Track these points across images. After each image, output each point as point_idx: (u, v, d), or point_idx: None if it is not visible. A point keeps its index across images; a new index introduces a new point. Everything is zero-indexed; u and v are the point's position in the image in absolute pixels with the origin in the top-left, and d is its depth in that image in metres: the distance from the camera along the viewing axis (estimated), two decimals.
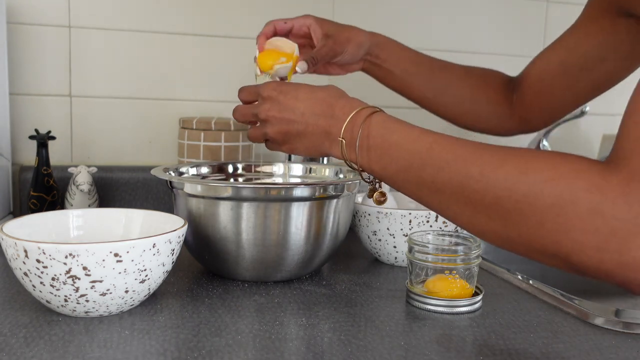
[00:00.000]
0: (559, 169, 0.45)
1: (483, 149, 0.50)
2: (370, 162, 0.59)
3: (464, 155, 0.51)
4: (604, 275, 0.44)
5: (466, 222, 0.52)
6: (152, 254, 0.58)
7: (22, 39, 1.06)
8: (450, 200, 0.52)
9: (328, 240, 0.73)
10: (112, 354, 0.52)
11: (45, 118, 1.08)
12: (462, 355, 0.54)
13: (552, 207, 0.44)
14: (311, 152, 0.66)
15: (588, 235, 0.43)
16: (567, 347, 0.56)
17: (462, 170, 0.50)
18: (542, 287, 0.72)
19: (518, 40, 1.32)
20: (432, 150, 0.53)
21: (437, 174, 0.52)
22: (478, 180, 0.49)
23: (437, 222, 0.79)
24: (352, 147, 0.60)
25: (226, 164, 0.89)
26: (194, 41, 1.14)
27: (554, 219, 0.44)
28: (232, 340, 0.55)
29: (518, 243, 0.47)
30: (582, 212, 0.43)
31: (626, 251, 0.42)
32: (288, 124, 0.65)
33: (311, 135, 0.64)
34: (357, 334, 0.58)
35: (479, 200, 0.49)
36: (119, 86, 1.11)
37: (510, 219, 0.47)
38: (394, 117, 0.60)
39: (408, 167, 0.55)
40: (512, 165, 0.47)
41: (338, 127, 0.61)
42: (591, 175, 0.43)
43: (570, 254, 0.44)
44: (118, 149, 1.13)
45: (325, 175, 0.88)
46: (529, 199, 0.45)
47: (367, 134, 0.59)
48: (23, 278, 0.57)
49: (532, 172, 0.46)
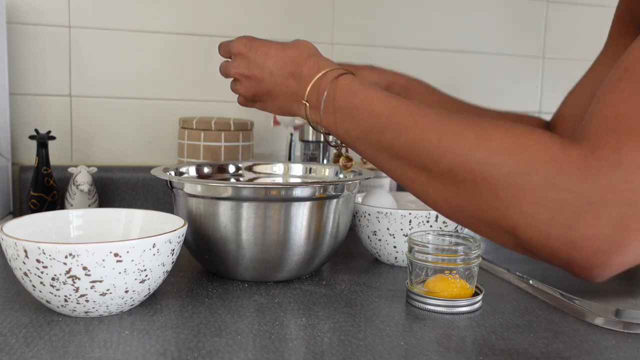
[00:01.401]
0: (519, 139, 0.44)
1: (445, 117, 0.49)
2: (336, 125, 0.58)
3: (424, 121, 0.50)
4: (548, 254, 0.42)
5: (420, 190, 0.50)
6: (152, 254, 0.58)
7: (22, 39, 1.06)
8: (407, 165, 0.51)
9: (328, 240, 0.73)
10: (112, 354, 0.52)
11: (45, 118, 1.08)
12: (462, 355, 0.54)
13: (507, 176, 0.43)
14: (282, 112, 0.65)
15: (539, 208, 0.41)
16: (567, 347, 0.56)
17: (421, 135, 0.49)
18: (542, 287, 0.72)
19: (518, 40, 1.32)
20: (394, 114, 0.53)
21: (396, 139, 0.51)
22: (436, 146, 0.48)
23: (437, 222, 0.79)
24: (317, 109, 0.59)
25: (226, 164, 0.89)
26: (194, 41, 1.14)
27: (507, 189, 0.42)
28: (232, 340, 0.55)
29: (469, 214, 0.46)
30: (537, 183, 0.41)
31: (575, 226, 0.40)
32: (257, 83, 0.64)
33: (280, 95, 0.63)
34: (357, 334, 0.58)
35: (434, 166, 0.48)
36: (119, 86, 1.11)
37: (464, 187, 0.45)
38: (361, 80, 0.59)
39: (369, 131, 0.54)
40: (472, 133, 0.46)
41: (304, 88, 0.60)
42: (551, 148, 0.42)
43: (518, 228, 0.43)
44: (118, 149, 1.13)
45: (325, 175, 0.88)
46: (485, 167, 0.44)
47: (333, 96, 0.58)
48: (23, 278, 0.57)
49: (491, 140, 0.45)
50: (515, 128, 0.45)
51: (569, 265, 0.42)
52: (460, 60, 1.29)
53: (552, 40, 1.35)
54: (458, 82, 1.28)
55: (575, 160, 0.41)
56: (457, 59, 1.29)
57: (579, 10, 1.35)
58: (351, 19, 1.20)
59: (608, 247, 0.40)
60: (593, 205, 0.39)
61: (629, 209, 0.39)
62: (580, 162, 0.40)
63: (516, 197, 0.42)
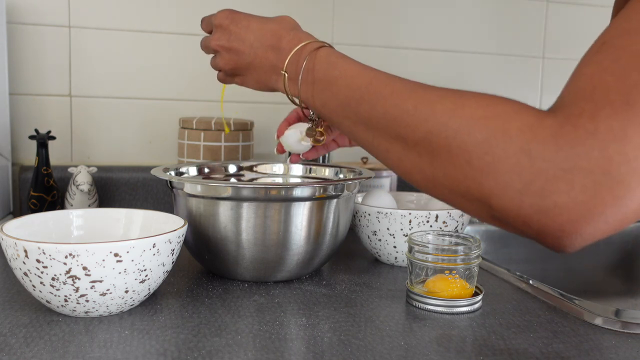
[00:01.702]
0: (495, 108, 0.43)
1: (422, 87, 0.49)
2: (314, 97, 0.58)
3: (401, 90, 0.50)
4: (521, 223, 0.42)
5: (396, 161, 0.50)
6: (152, 254, 0.58)
7: (22, 39, 1.06)
8: (382, 136, 0.51)
9: (328, 240, 0.73)
10: (112, 354, 0.52)
11: (45, 118, 1.08)
12: (462, 355, 0.54)
13: (482, 144, 0.42)
14: (261, 86, 0.65)
15: (513, 176, 0.41)
16: (567, 347, 0.56)
17: (398, 104, 0.49)
18: (542, 287, 0.72)
19: (518, 40, 1.32)
20: (371, 85, 0.53)
21: (372, 109, 0.51)
22: (412, 115, 0.47)
23: (437, 222, 0.79)
24: (295, 80, 0.59)
25: (226, 164, 0.89)
26: (194, 41, 1.14)
27: (482, 157, 0.42)
28: (232, 340, 0.55)
29: (443, 185, 0.46)
30: (511, 151, 0.41)
31: (548, 194, 0.40)
32: (237, 55, 0.64)
33: (259, 68, 0.63)
34: (357, 334, 0.58)
35: (410, 135, 0.47)
36: (118, 86, 1.11)
37: (439, 155, 0.45)
38: (340, 53, 0.59)
39: (347, 102, 0.54)
40: (448, 101, 0.46)
41: (283, 60, 0.60)
42: (527, 117, 0.42)
43: (491, 197, 0.42)
44: (118, 149, 1.13)
45: (325, 175, 0.88)
46: (461, 134, 0.44)
47: (312, 67, 0.58)
48: (23, 278, 0.57)
49: (467, 108, 0.44)
50: (492, 97, 0.45)
51: (541, 235, 0.42)
52: (460, 60, 1.29)
53: (552, 40, 1.35)
54: (458, 82, 1.28)
55: (551, 128, 0.40)
56: (457, 59, 1.29)
57: (579, 10, 1.35)
58: (351, 19, 1.20)
59: (580, 215, 0.39)
60: (567, 172, 0.39)
61: (603, 177, 0.38)
62: (555, 130, 0.40)
63: (490, 165, 0.42)
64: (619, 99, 0.38)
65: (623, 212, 0.39)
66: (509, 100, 0.44)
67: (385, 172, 1.06)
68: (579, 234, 0.40)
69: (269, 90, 0.66)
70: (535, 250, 1.15)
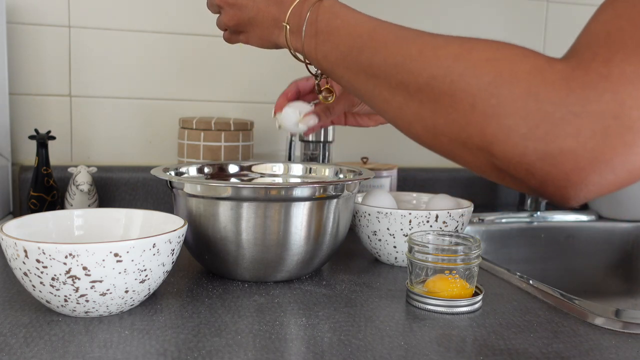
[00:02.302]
0: (504, 51, 0.42)
1: (427, 34, 0.48)
2: (316, 50, 0.57)
3: (405, 35, 0.48)
4: (524, 172, 0.40)
5: (395, 110, 0.48)
6: (152, 254, 0.58)
7: (22, 39, 1.06)
8: (383, 84, 0.49)
9: (328, 240, 0.73)
10: (112, 354, 0.52)
11: (45, 118, 1.08)
12: (462, 355, 0.54)
13: (488, 86, 0.40)
14: (264, 42, 0.64)
15: (518, 120, 0.39)
16: (567, 347, 0.56)
17: (401, 49, 0.47)
18: (542, 287, 0.72)
19: (518, 40, 1.32)
20: (375, 32, 0.51)
21: (374, 56, 0.50)
22: (415, 59, 0.46)
23: (437, 222, 0.79)
24: (298, 33, 0.58)
25: (226, 164, 0.89)
26: (194, 41, 1.14)
27: (487, 100, 0.40)
28: (232, 340, 0.55)
29: (443, 133, 0.44)
30: (518, 93, 0.39)
31: (554, 139, 0.38)
32: (240, 10, 0.64)
33: (262, 23, 0.62)
34: (357, 334, 0.58)
35: (412, 81, 0.45)
36: (118, 86, 1.11)
37: (442, 101, 0.43)
38: (343, 4, 0.57)
39: (348, 52, 0.53)
40: (454, 45, 0.44)
41: (285, 13, 0.59)
42: (536, 60, 0.40)
43: (494, 143, 0.40)
44: (118, 149, 1.13)
45: (325, 175, 0.88)
46: (466, 77, 0.42)
47: (315, 19, 0.56)
48: (23, 278, 0.57)
49: (475, 51, 0.43)
50: (499, 42, 0.43)
51: (544, 184, 0.40)
52: None
53: (552, 40, 1.35)
54: None
55: (562, 72, 0.39)
56: None
57: (579, 10, 1.35)
58: None
59: (587, 162, 0.38)
60: (576, 116, 0.37)
61: (613, 121, 0.37)
62: (567, 73, 0.38)
63: (495, 109, 0.40)
64: (634, 43, 0.37)
65: (632, 161, 0.37)
66: (518, 46, 0.42)
67: (385, 172, 1.06)
68: (585, 183, 0.38)
69: (273, 47, 0.65)
70: (535, 250, 1.16)
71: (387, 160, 1.23)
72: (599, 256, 1.19)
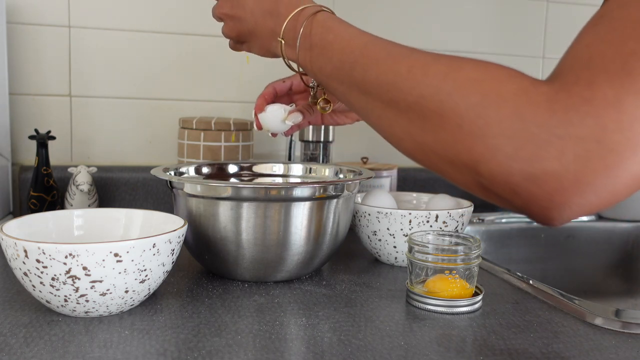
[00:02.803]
0: (490, 72, 0.43)
1: (417, 51, 0.49)
2: (311, 63, 0.58)
3: (396, 53, 0.49)
4: (509, 190, 0.41)
5: (387, 127, 0.49)
6: (152, 254, 0.58)
7: (22, 39, 1.06)
8: (376, 101, 0.50)
9: (328, 240, 0.73)
10: (112, 354, 0.52)
11: (45, 118, 1.08)
12: (462, 355, 0.54)
13: (475, 107, 0.41)
14: (264, 53, 0.65)
15: (504, 140, 0.40)
16: (567, 347, 0.56)
17: (392, 67, 0.48)
18: (542, 287, 0.72)
19: (518, 40, 1.32)
20: (366, 48, 0.52)
21: (366, 73, 0.51)
22: (405, 78, 0.47)
23: (437, 222, 0.79)
24: (293, 46, 0.59)
25: (226, 164, 0.89)
26: (194, 41, 1.14)
27: (474, 121, 0.41)
28: (232, 340, 0.55)
29: (432, 150, 0.45)
30: (504, 114, 0.40)
31: (538, 160, 0.39)
32: (239, 22, 0.64)
33: (260, 35, 0.63)
34: (357, 334, 0.58)
35: (402, 99, 0.47)
36: (119, 86, 1.11)
37: (431, 120, 0.44)
38: (336, 17, 0.58)
39: (341, 66, 0.54)
40: (442, 65, 0.45)
41: (280, 25, 0.60)
42: (522, 81, 0.41)
43: (480, 162, 0.41)
44: (118, 149, 1.13)
45: (325, 175, 0.88)
46: (454, 97, 0.43)
47: (309, 32, 0.57)
48: (23, 278, 0.57)
49: (462, 71, 0.43)
50: (488, 62, 0.44)
51: (528, 205, 0.41)
52: None
53: (552, 40, 1.35)
54: None
55: (546, 94, 0.39)
56: None
57: (579, 10, 1.35)
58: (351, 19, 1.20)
59: (570, 184, 0.38)
60: (559, 139, 0.38)
61: (595, 145, 0.37)
62: (550, 95, 0.39)
63: (482, 129, 0.41)
64: (615, 67, 0.38)
65: (613, 183, 0.38)
66: (505, 67, 0.43)
67: (386, 172, 1.06)
68: (568, 204, 0.39)
69: (273, 56, 0.65)
70: (535, 250, 1.16)
71: (387, 160, 1.23)
72: (599, 256, 1.19)
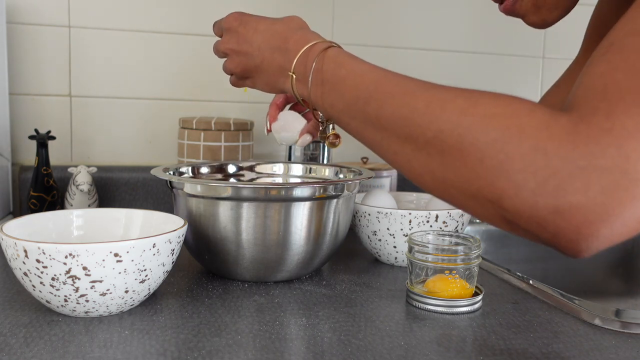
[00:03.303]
0: (508, 107, 0.42)
1: (433, 86, 0.48)
2: (323, 98, 0.57)
3: (411, 88, 0.49)
4: (535, 225, 0.40)
5: (405, 162, 0.49)
6: (152, 254, 0.58)
7: (22, 39, 1.06)
8: (392, 137, 0.49)
9: (328, 240, 0.73)
10: (112, 354, 0.52)
11: (45, 118, 1.08)
12: (462, 355, 0.54)
13: (495, 142, 0.41)
14: (270, 88, 0.65)
15: (526, 175, 0.39)
16: (567, 347, 0.56)
17: (408, 103, 0.48)
18: (542, 287, 0.72)
19: (518, 40, 1.32)
20: (380, 83, 0.51)
21: (381, 108, 0.50)
22: (423, 113, 0.46)
23: (437, 222, 0.79)
24: (304, 82, 0.58)
25: (226, 164, 0.89)
26: (194, 41, 1.14)
27: (495, 155, 0.41)
28: (232, 340, 0.55)
29: (453, 186, 0.44)
30: (525, 149, 0.40)
31: (563, 194, 0.38)
32: (246, 57, 0.64)
33: (267, 70, 0.63)
34: (357, 334, 0.58)
35: (420, 135, 0.46)
36: (118, 86, 1.11)
37: (450, 155, 0.44)
38: (347, 52, 0.58)
39: (354, 102, 0.53)
40: (460, 100, 0.45)
41: (290, 61, 0.60)
42: (541, 115, 0.41)
43: (504, 197, 0.41)
44: (118, 149, 1.13)
45: (325, 175, 0.88)
46: (473, 133, 0.42)
47: (320, 67, 0.57)
48: (23, 278, 0.57)
49: (480, 106, 0.43)
50: (506, 96, 0.44)
51: (556, 238, 0.40)
52: (460, 60, 1.29)
53: (552, 40, 1.35)
54: (458, 82, 1.27)
55: (566, 127, 0.39)
56: (457, 58, 1.29)
57: (579, 10, 1.34)
58: (351, 18, 1.20)
59: (597, 216, 0.38)
60: (583, 171, 0.38)
61: (620, 176, 0.37)
62: (570, 128, 0.39)
63: (504, 164, 0.41)
64: (631, 97, 0.38)
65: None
66: (523, 100, 0.43)
67: (386, 172, 1.06)
68: (596, 236, 0.39)
69: (279, 92, 0.65)
70: (535, 250, 1.15)
71: None
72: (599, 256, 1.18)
